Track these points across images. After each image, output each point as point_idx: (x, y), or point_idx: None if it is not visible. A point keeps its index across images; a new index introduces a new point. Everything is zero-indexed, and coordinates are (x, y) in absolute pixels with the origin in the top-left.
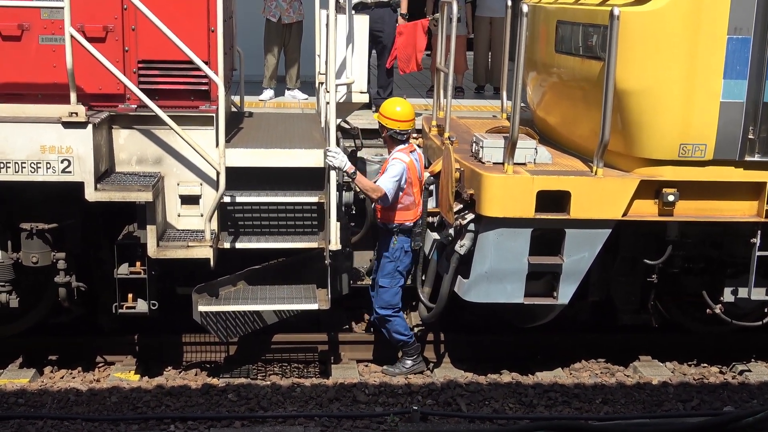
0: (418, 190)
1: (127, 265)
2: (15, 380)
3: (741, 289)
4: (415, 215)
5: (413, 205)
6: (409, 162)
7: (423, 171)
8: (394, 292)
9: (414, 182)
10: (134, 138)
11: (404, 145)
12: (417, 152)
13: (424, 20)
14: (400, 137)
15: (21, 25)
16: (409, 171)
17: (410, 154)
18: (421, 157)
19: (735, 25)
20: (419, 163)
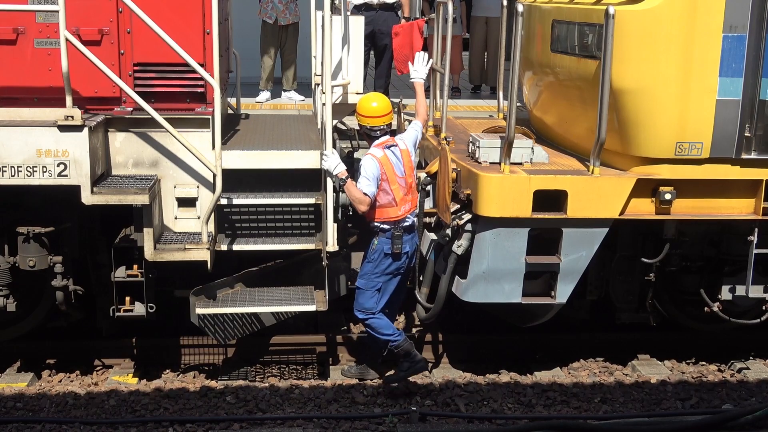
0: (399, 187)
1: (124, 268)
2: (13, 384)
3: (739, 287)
4: (396, 215)
5: (392, 204)
6: (382, 157)
7: (408, 166)
8: (369, 295)
9: (391, 179)
10: (130, 141)
11: (381, 140)
12: (398, 147)
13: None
14: (374, 134)
15: (16, 29)
16: (382, 167)
17: (385, 149)
18: (407, 152)
19: (730, 23)
20: (399, 158)
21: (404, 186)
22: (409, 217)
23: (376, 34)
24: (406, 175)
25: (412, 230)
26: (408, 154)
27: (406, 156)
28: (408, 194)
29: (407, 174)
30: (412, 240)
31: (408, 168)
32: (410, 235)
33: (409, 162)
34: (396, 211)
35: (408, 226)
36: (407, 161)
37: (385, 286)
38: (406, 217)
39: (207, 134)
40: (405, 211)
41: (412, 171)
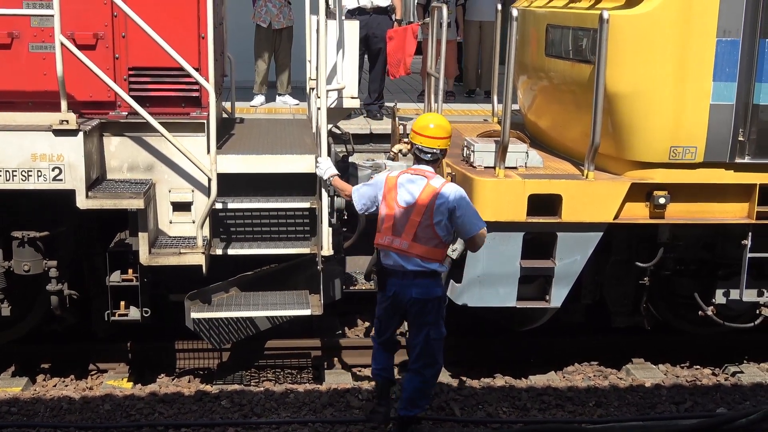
0: (389, 215)
1: (119, 273)
2: (7, 389)
3: (733, 291)
4: (379, 242)
5: (379, 228)
6: (390, 177)
7: (422, 203)
8: (376, 319)
9: (387, 200)
10: (125, 145)
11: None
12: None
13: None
14: (424, 156)
15: (11, 33)
16: (386, 184)
17: (406, 173)
18: (433, 193)
19: (724, 27)
20: (418, 191)
21: (399, 216)
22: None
23: (369, 38)
24: (413, 208)
25: (408, 277)
26: (433, 193)
27: (429, 192)
28: (401, 228)
29: (415, 209)
30: (407, 289)
31: (420, 204)
32: (402, 281)
33: (426, 200)
34: (379, 237)
35: (392, 264)
36: (425, 198)
37: (383, 319)
38: (391, 253)
39: (202, 138)
40: (390, 243)
41: (423, 210)
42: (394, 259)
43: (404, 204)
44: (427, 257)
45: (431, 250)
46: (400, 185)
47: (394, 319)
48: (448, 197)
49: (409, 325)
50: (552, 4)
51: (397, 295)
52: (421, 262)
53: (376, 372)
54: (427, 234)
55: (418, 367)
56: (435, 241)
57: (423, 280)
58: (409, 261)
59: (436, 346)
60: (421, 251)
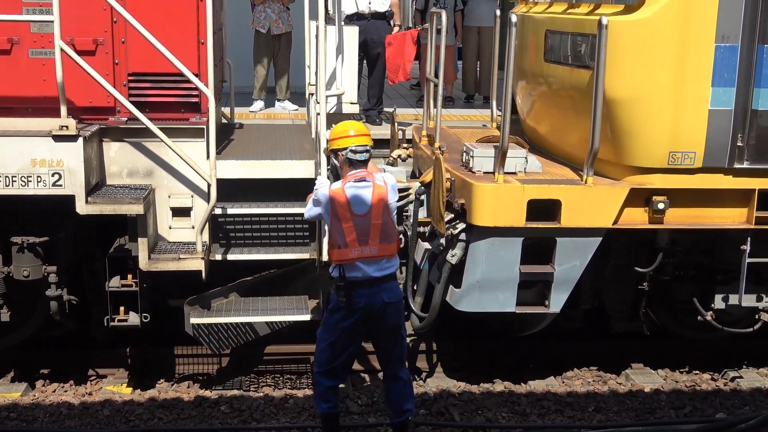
0: (352, 227)
1: (118, 278)
2: (7, 394)
3: (732, 296)
4: (346, 257)
5: (342, 245)
6: (337, 190)
7: (378, 204)
8: (322, 348)
9: (342, 216)
10: (125, 151)
11: (353, 172)
12: (371, 182)
13: (413, 30)
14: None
15: (11, 39)
16: (333, 201)
17: (349, 183)
18: (382, 188)
19: (722, 33)
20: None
21: (359, 225)
22: (369, 267)
23: (368, 43)
24: (371, 214)
25: (376, 284)
26: (382, 191)
27: (379, 192)
28: (366, 236)
29: (373, 213)
30: (377, 296)
31: (377, 206)
32: (370, 289)
33: (381, 199)
34: (346, 254)
35: (360, 277)
36: (378, 198)
37: (341, 342)
38: (358, 264)
39: (201, 144)
40: (360, 255)
41: (382, 211)
42: (363, 270)
43: (360, 212)
44: (393, 253)
45: (394, 245)
46: (348, 196)
47: (358, 336)
48: (393, 186)
49: (377, 333)
50: (551, 9)
51: (368, 306)
52: (386, 262)
53: (329, 409)
54: (389, 231)
55: (395, 372)
56: (395, 235)
57: (390, 283)
58: (377, 266)
59: (405, 344)
60: (390, 250)
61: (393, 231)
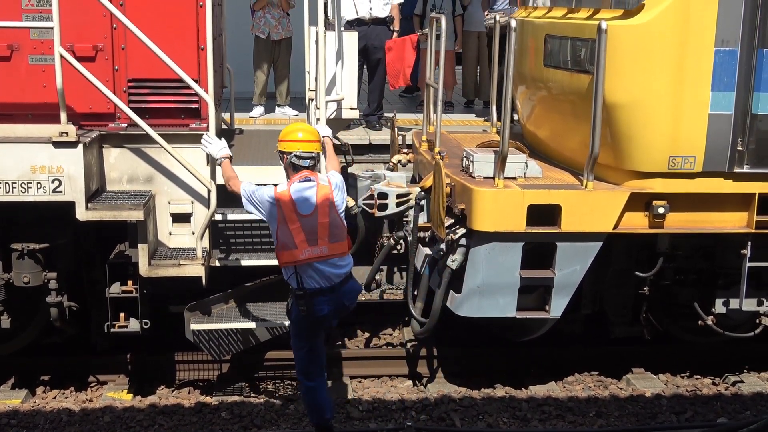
0: (299, 228)
1: (119, 284)
2: (7, 401)
3: (732, 300)
4: (297, 258)
5: (292, 247)
6: (282, 192)
7: (323, 203)
8: (300, 357)
9: (289, 218)
10: (125, 157)
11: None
12: (315, 182)
13: (412, 36)
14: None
15: (10, 46)
16: (278, 203)
17: (294, 183)
18: (326, 188)
19: (722, 37)
20: (312, 195)
21: (307, 225)
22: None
23: (368, 49)
24: (318, 213)
25: (336, 289)
26: (327, 189)
27: (324, 191)
28: (314, 236)
29: (319, 212)
30: (337, 301)
31: (322, 205)
32: (330, 296)
33: (326, 198)
34: (296, 255)
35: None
36: (323, 197)
37: (318, 344)
38: (315, 264)
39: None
40: (310, 255)
41: (328, 210)
42: (319, 271)
43: (306, 213)
44: (345, 252)
45: (345, 242)
46: (294, 197)
47: (321, 337)
48: (336, 185)
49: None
50: (550, 14)
51: (330, 312)
52: (339, 260)
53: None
54: (338, 228)
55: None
56: (344, 231)
57: (348, 285)
58: (330, 265)
59: None
60: (341, 248)
61: (341, 229)
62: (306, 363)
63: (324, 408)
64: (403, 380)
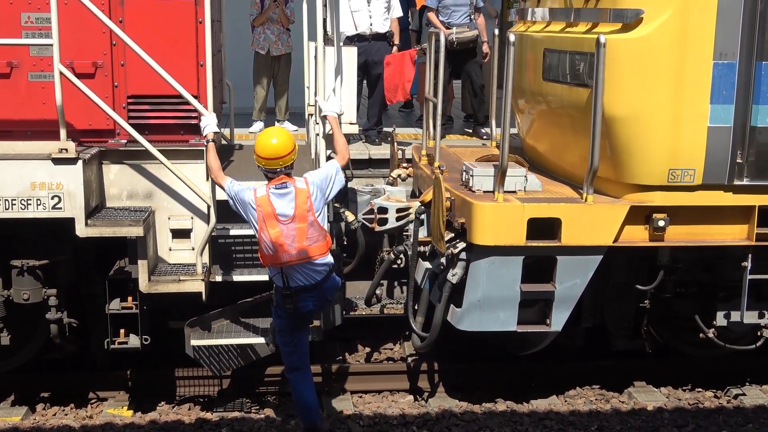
0: (280, 233)
1: (118, 301)
2: (7, 418)
3: (733, 313)
4: (279, 261)
5: (270, 251)
6: (262, 197)
7: (301, 207)
8: (287, 352)
9: (269, 223)
10: (124, 173)
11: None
12: (292, 186)
13: (411, 50)
14: (270, 175)
15: (10, 63)
16: (258, 207)
17: (272, 189)
18: (303, 192)
19: (720, 50)
20: (291, 200)
21: (286, 230)
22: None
23: (369, 64)
24: (296, 218)
25: (319, 287)
26: (304, 195)
27: (301, 196)
28: (293, 241)
29: (297, 216)
30: (322, 296)
31: (300, 209)
32: (314, 292)
33: (303, 203)
34: (278, 258)
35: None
36: (301, 202)
37: (302, 339)
38: (295, 267)
39: (201, 165)
40: (290, 259)
41: (306, 214)
42: (303, 273)
43: (285, 218)
44: (324, 252)
45: (323, 245)
46: (273, 204)
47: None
48: (315, 187)
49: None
50: (549, 28)
51: (316, 307)
52: (319, 261)
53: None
54: (316, 231)
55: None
56: (323, 233)
57: (329, 282)
58: (312, 267)
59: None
60: (320, 249)
61: (320, 230)
62: (294, 359)
63: (311, 407)
64: (404, 395)
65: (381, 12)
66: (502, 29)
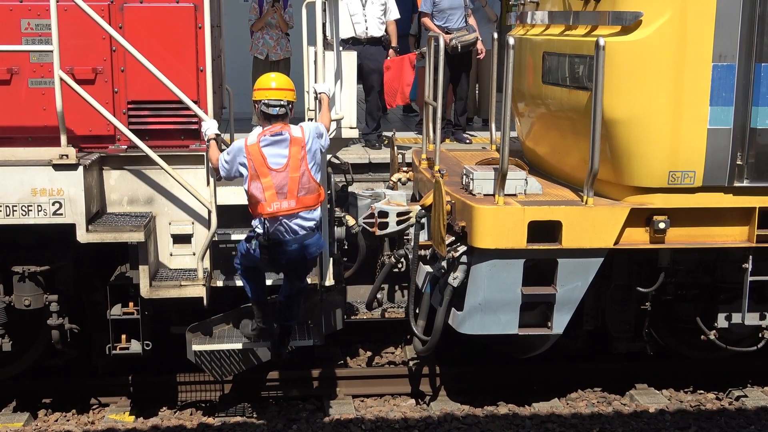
0: (271, 183)
1: (120, 306)
2: (9, 424)
3: (735, 315)
4: (265, 211)
5: (261, 200)
6: (252, 145)
7: (295, 157)
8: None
9: (260, 172)
10: (125, 178)
11: (269, 126)
12: (287, 135)
13: (411, 54)
14: (272, 111)
15: (10, 69)
16: (249, 155)
17: (264, 137)
18: (298, 141)
19: (719, 52)
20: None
21: (278, 180)
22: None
23: (363, 69)
24: (289, 168)
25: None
26: (299, 143)
27: (296, 145)
28: (284, 190)
29: (290, 167)
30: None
31: (294, 159)
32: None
33: (297, 153)
34: (264, 208)
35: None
36: (295, 151)
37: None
38: (279, 218)
39: (201, 170)
40: (278, 209)
41: (299, 164)
42: (285, 225)
43: (278, 167)
44: (313, 205)
45: (314, 197)
46: (265, 152)
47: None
48: (311, 137)
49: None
50: (548, 31)
51: (290, 261)
52: (306, 214)
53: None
54: (308, 182)
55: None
56: (314, 186)
57: (312, 239)
58: (299, 218)
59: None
60: (309, 201)
61: (312, 182)
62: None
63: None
64: (405, 399)
65: (377, 16)
66: (501, 32)
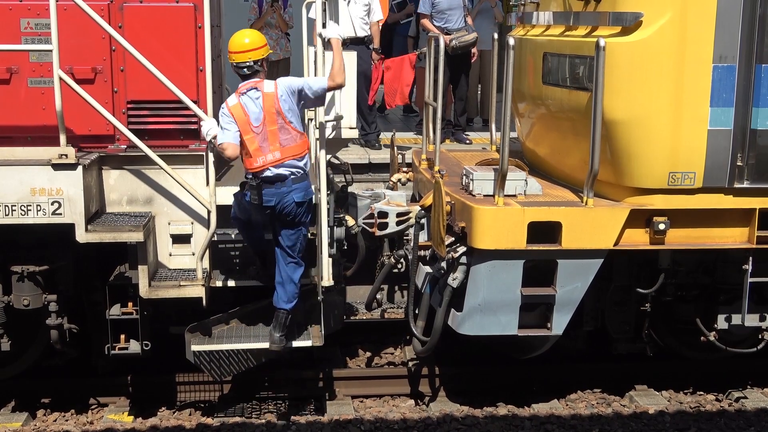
0: (254, 137)
1: (119, 306)
2: (8, 424)
3: (734, 316)
4: (253, 166)
5: (248, 155)
6: (233, 106)
7: (269, 111)
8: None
9: (243, 129)
10: (124, 178)
11: (243, 84)
12: (259, 91)
13: (411, 55)
14: (241, 71)
15: (9, 69)
16: (233, 116)
17: (241, 95)
18: (271, 96)
19: (720, 53)
20: (259, 105)
21: (259, 135)
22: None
23: None
24: (265, 122)
25: (277, 181)
26: (272, 98)
27: (269, 100)
28: (266, 144)
29: (267, 121)
30: (286, 196)
31: (269, 114)
32: (281, 188)
33: (271, 107)
34: (252, 162)
35: (271, 176)
36: (269, 106)
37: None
38: (268, 168)
39: (201, 170)
40: (264, 162)
41: (275, 117)
42: (273, 171)
43: (257, 122)
44: (299, 153)
45: (299, 145)
46: (245, 109)
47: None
48: (282, 89)
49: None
50: (548, 32)
51: (276, 205)
52: (295, 162)
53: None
54: (288, 133)
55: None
56: (296, 135)
57: (301, 184)
58: (288, 166)
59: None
60: (294, 150)
61: (292, 132)
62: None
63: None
64: (405, 399)
65: (360, 16)
66: (501, 33)
